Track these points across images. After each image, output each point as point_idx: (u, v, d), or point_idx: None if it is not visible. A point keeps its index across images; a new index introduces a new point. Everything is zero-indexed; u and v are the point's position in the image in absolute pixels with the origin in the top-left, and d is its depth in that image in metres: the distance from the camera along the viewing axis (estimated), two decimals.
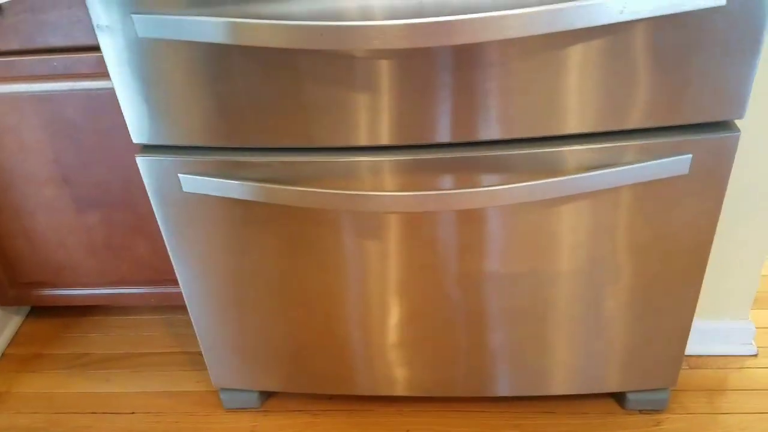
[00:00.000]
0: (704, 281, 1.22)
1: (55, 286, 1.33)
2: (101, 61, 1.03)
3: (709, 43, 0.79)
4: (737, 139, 0.87)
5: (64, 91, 1.08)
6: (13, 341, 1.45)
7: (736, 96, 0.83)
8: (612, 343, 1.08)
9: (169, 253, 1.02)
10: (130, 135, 1.09)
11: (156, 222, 1.21)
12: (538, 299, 1.03)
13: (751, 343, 1.29)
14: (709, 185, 0.90)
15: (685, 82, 0.82)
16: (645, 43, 0.79)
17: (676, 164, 0.87)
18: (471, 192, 0.89)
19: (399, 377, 1.16)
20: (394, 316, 1.07)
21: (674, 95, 0.83)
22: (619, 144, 0.87)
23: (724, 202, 1.06)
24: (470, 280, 1.01)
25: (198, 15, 0.78)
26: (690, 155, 0.87)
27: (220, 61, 0.83)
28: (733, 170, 1.08)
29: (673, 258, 0.98)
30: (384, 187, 0.92)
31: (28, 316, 1.51)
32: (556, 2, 0.73)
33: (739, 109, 0.84)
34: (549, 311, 1.05)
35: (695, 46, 0.79)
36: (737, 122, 0.89)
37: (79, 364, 1.39)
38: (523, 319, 1.06)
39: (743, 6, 0.76)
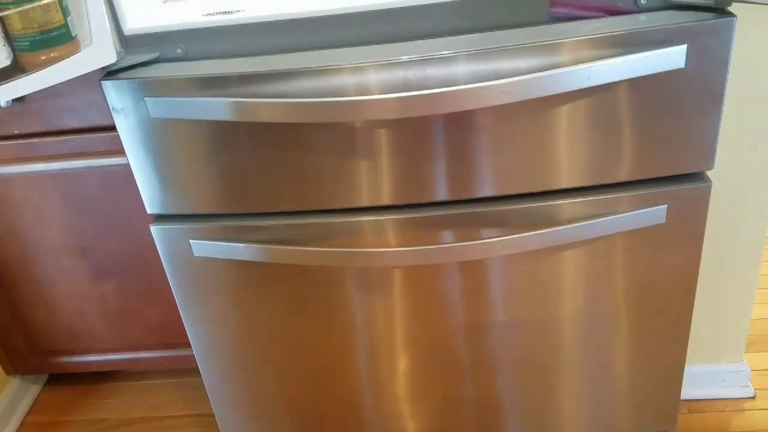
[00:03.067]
0: (697, 325, 1.26)
1: (72, 353, 1.38)
2: (115, 140, 1.11)
3: (675, 101, 0.86)
4: (709, 188, 0.92)
5: (81, 168, 1.15)
6: (33, 409, 1.49)
7: (705, 149, 0.90)
8: (611, 387, 1.12)
9: (182, 316, 1.08)
10: (142, 206, 1.16)
11: (167, 287, 1.27)
12: (538, 347, 1.07)
13: (749, 386, 1.32)
14: (687, 233, 0.96)
15: (658, 138, 0.88)
16: (619, 103, 0.85)
17: (653, 215, 0.93)
18: (470, 245, 0.95)
19: (408, 428, 1.19)
20: (401, 369, 1.11)
21: (649, 150, 0.89)
22: (602, 197, 0.92)
23: (706, 248, 1.11)
24: (473, 331, 1.06)
25: (205, 96, 0.86)
26: (665, 206, 0.92)
27: (226, 136, 0.90)
28: (712, 217, 1.13)
29: (660, 303, 1.03)
30: (387, 244, 0.97)
31: (46, 384, 1.55)
32: (530, 72, 0.81)
33: (709, 161, 0.91)
34: (550, 359, 1.09)
35: (664, 105, 0.86)
36: (709, 173, 0.95)
37: (97, 429, 1.42)
38: (524, 367, 1.10)
39: (702, 67, 0.83)
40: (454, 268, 1.00)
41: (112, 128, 1.09)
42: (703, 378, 1.30)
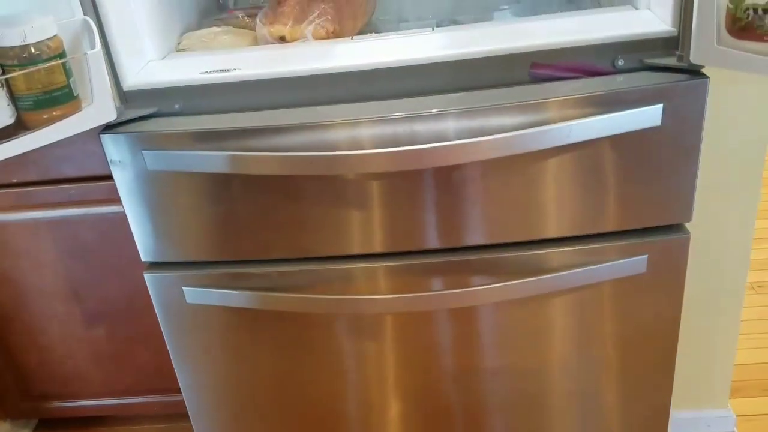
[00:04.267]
0: (682, 371, 1.27)
1: (63, 397, 1.39)
2: (111, 189, 1.13)
3: (653, 156, 0.89)
4: (688, 239, 0.95)
5: (78, 216, 1.18)
6: None
7: (683, 201, 0.93)
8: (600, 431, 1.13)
9: (173, 361, 1.09)
10: (136, 252, 1.18)
11: (158, 332, 1.28)
12: (527, 392, 1.08)
13: (734, 431, 1.33)
14: (668, 282, 0.99)
15: (638, 191, 0.91)
16: (600, 158, 0.89)
17: (634, 264, 0.96)
18: (459, 292, 0.97)
19: None
20: (392, 413, 1.12)
21: (629, 203, 0.92)
22: (586, 247, 0.95)
23: (689, 295, 1.13)
24: (463, 376, 1.07)
25: (201, 150, 0.88)
26: (645, 256, 0.95)
27: (220, 187, 0.92)
28: (694, 264, 1.16)
29: (644, 350, 1.05)
30: (378, 291, 0.99)
31: (36, 428, 1.55)
32: (515, 129, 0.85)
33: (686, 212, 0.94)
34: (538, 403, 1.10)
35: (643, 160, 0.89)
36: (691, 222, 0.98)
37: None
38: (513, 412, 1.11)
39: (678, 124, 0.87)
40: (444, 315, 1.02)
41: (109, 177, 1.11)
42: (688, 423, 1.32)
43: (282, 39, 1.00)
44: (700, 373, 1.28)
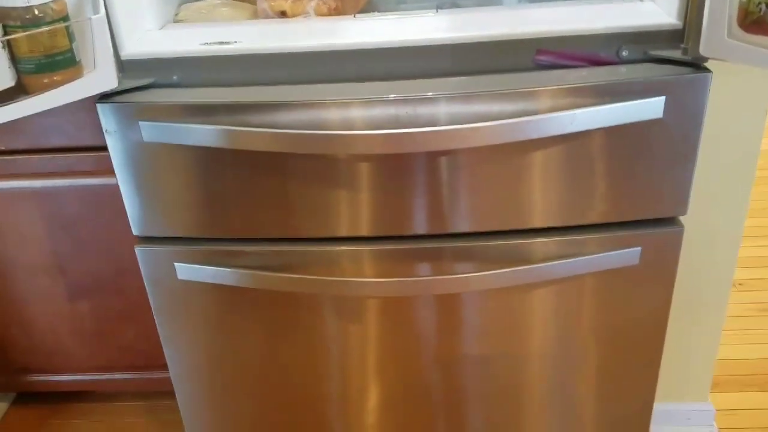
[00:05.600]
0: (665, 364, 1.29)
1: (44, 371, 1.37)
2: (101, 160, 1.11)
3: (652, 149, 0.89)
4: (681, 233, 0.96)
5: (65, 187, 1.16)
6: None
7: (679, 195, 0.93)
8: (581, 423, 1.14)
9: (161, 338, 1.08)
10: (124, 226, 1.16)
11: (144, 308, 1.26)
12: (509, 381, 1.09)
13: (713, 425, 1.35)
14: (659, 275, 0.99)
15: (634, 184, 0.92)
16: (598, 149, 0.89)
17: (627, 256, 0.96)
18: (444, 279, 0.97)
19: None
20: (373, 397, 1.12)
21: (625, 195, 0.92)
22: (577, 237, 0.95)
23: (676, 289, 1.14)
24: (445, 362, 1.07)
25: (198, 123, 0.87)
26: (639, 248, 0.96)
27: (214, 162, 0.91)
28: (682, 259, 1.17)
29: (631, 342, 1.06)
30: (364, 274, 0.99)
31: (13, 402, 1.53)
32: (515, 116, 0.84)
33: (682, 206, 0.94)
34: (520, 393, 1.11)
35: (641, 152, 0.89)
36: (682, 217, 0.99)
37: None
38: (495, 401, 1.11)
39: (679, 118, 0.87)
40: (429, 301, 1.02)
41: (99, 148, 1.10)
42: (669, 416, 1.33)
43: (283, 14, 0.98)
44: (683, 366, 1.29)
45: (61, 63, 0.73)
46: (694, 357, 1.29)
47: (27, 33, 0.69)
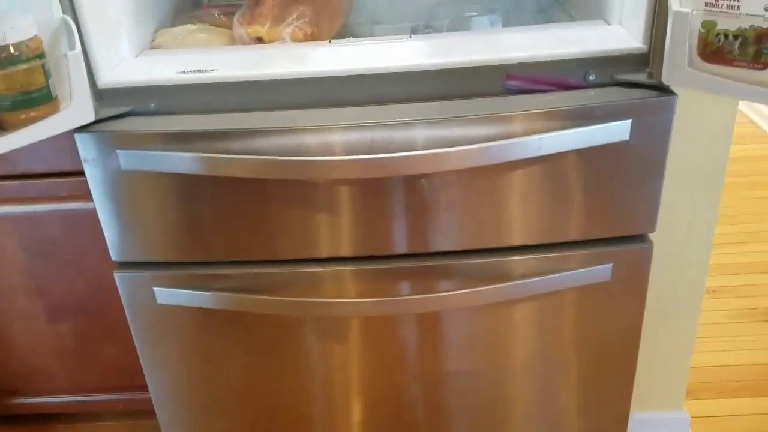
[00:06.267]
0: (640, 374, 1.31)
1: (26, 394, 1.37)
2: (80, 184, 1.12)
3: (621, 169, 0.92)
4: (651, 249, 0.98)
5: (46, 211, 1.16)
6: None
7: (647, 213, 0.96)
8: None
9: (141, 361, 1.08)
10: (103, 249, 1.17)
11: (125, 330, 1.27)
12: (491, 395, 1.10)
13: None
14: (631, 290, 1.02)
15: (604, 203, 0.94)
16: (569, 170, 0.91)
17: (599, 272, 0.98)
18: (426, 297, 0.98)
19: None
20: (357, 415, 1.13)
21: (596, 213, 0.95)
22: (552, 255, 0.97)
23: (650, 300, 1.17)
24: (428, 379, 1.09)
25: (176, 150, 0.88)
26: (611, 265, 0.98)
27: (193, 187, 0.92)
28: (655, 271, 1.20)
29: (606, 355, 1.08)
30: (345, 294, 1.00)
31: None
32: (486, 140, 0.86)
33: (651, 224, 0.97)
34: (502, 407, 1.12)
35: (610, 173, 0.92)
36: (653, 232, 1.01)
37: None
38: (477, 415, 1.13)
39: (645, 139, 0.89)
40: (411, 319, 1.03)
41: (78, 173, 1.10)
42: (645, 425, 1.36)
43: (259, 40, 1.00)
44: (658, 375, 1.32)
45: (38, 99, 0.74)
46: (669, 366, 1.31)
47: (3, 72, 0.70)
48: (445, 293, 0.98)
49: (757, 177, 2.40)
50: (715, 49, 0.71)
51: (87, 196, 0.97)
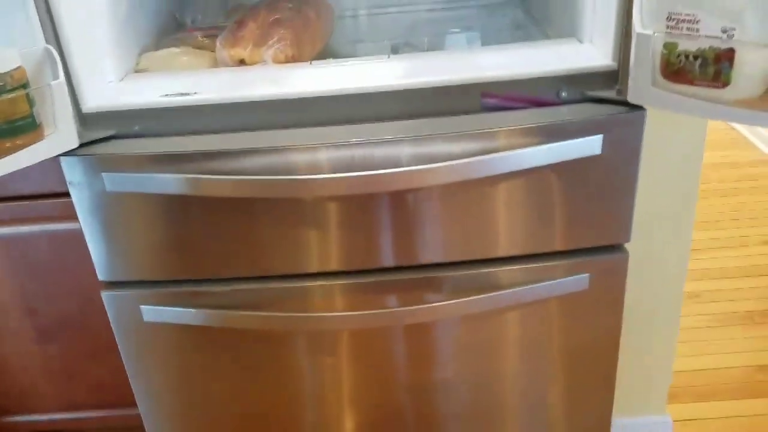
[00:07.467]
0: (623, 380, 1.34)
1: (16, 412, 1.37)
2: (68, 205, 1.12)
3: (594, 182, 0.94)
4: (626, 258, 1.01)
5: (33, 232, 1.17)
6: None
7: (622, 223, 0.98)
8: None
9: (130, 379, 1.10)
10: (91, 268, 1.19)
11: (114, 348, 1.29)
12: (478, 403, 1.12)
13: None
14: (608, 298, 1.04)
15: (579, 214, 0.96)
16: (544, 183, 0.93)
17: (577, 282, 1.01)
18: (414, 309, 1.00)
19: None
20: (348, 428, 1.15)
21: (572, 225, 0.97)
22: (535, 265, 0.99)
23: (630, 307, 1.19)
24: (417, 389, 1.10)
25: (161, 172, 0.90)
26: (587, 275, 1.01)
27: (179, 207, 0.94)
28: (634, 277, 1.23)
29: (587, 362, 1.10)
30: (334, 308, 1.02)
31: None
32: (465, 156, 0.89)
33: (625, 233, 0.99)
34: (489, 414, 1.14)
35: (584, 185, 0.94)
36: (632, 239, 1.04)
37: None
38: (467, 423, 1.14)
39: (617, 153, 0.92)
40: (400, 331, 1.05)
41: (65, 194, 1.12)
42: (628, 429, 1.38)
43: (242, 62, 1.02)
44: (640, 381, 1.34)
45: (23, 128, 0.76)
46: (651, 371, 1.34)
47: None
48: (433, 304, 1.00)
49: (737, 183, 2.44)
50: (677, 69, 0.74)
51: (75, 216, 0.98)
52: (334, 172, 0.89)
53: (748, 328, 1.73)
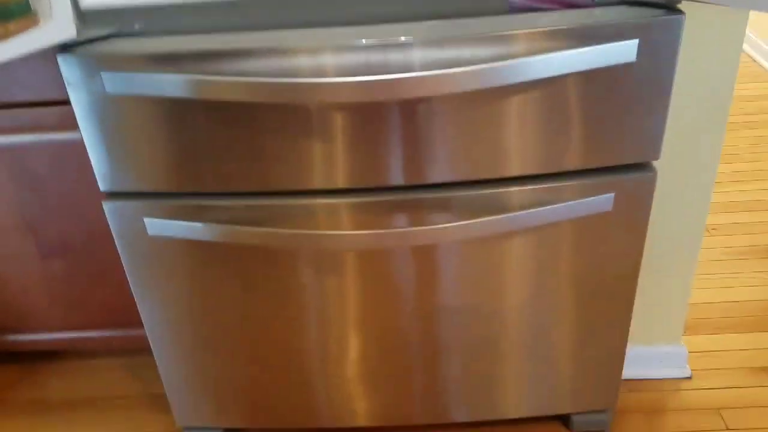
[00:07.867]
0: (639, 308, 1.31)
1: (17, 331, 1.35)
2: (67, 114, 1.09)
3: (625, 93, 0.89)
4: (654, 177, 0.96)
5: (31, 142, 1.13)
6: None
7: (652, 140, 0.93)
8: (557, 368, 1.16)
9: (134, 295, 1.07)
10: (93, 184, 1.15)
11: (118, 266, 1.26)
12: (486, 329, 1.10)
13: (686, 367, 1.38)
14: (632, 220, 1.00)
15: (607, 129, 0.91)
16: (571, 94, 0.88)
17: (600, 202, 0.96)
18: (422, 230, 0.96)
19: (359, 409, 1.21)
20: (352, 350, 1.13)
21: (598, 141, 0.92)
22: (551, 185, 0.95)
23: (649, 234, 1.15)
24: (423, 313, 1.08)
25: (162, 72, 0.85)
26: (612, 194, 0.96)
27: (182, 113, 0.89)
28: (655, 204, 1.18)
29: (605, 287, 1.07)
30: (340, 227, 0.98)
31: None
32: (488, 61, 0.83)
33: (655, 151, 0.94)
34: (497, 340, 1.12)
35: (614, 97, 0.89)
36: (655, 162, 0.99)
37: (40, 409, 1.40)
38: (474, 349, 1.13)
39: (652, 61, 0.86)
40: (406, 252, 1.02)
41: (64, 102, 1.07)
42: (642, 358, 1.36)
43: None
44: (656, 310, 1.31)
45: (15, 11, 0.70)
46: (667, 300, 1.31)
47: None
48: (442, 225, 0.96)
49: (757, 116, 2.38)
50: None
51: (75, 126, 0.93)
52: (342, 77, 0.83)
53: (766, 261, 1.69)
